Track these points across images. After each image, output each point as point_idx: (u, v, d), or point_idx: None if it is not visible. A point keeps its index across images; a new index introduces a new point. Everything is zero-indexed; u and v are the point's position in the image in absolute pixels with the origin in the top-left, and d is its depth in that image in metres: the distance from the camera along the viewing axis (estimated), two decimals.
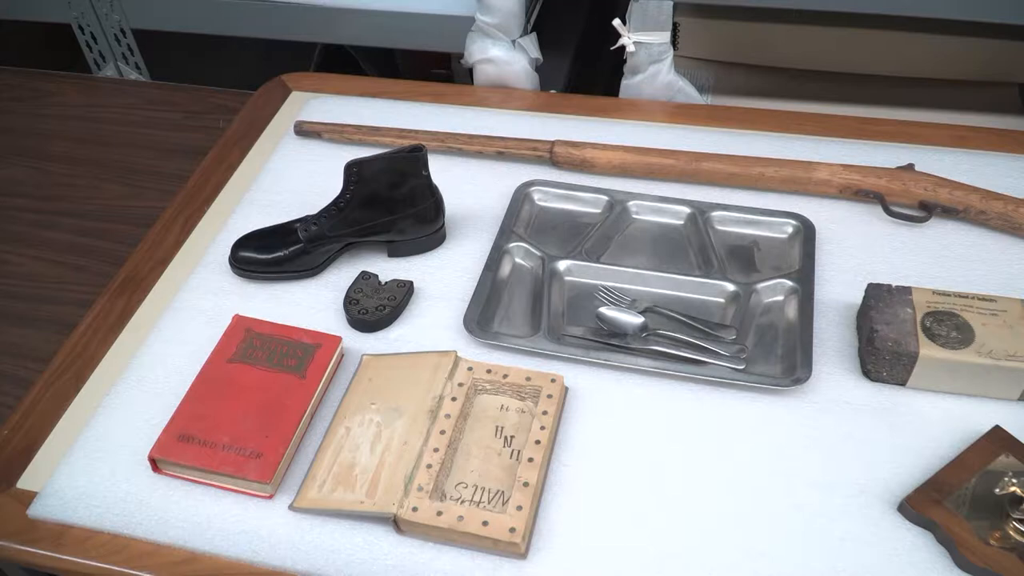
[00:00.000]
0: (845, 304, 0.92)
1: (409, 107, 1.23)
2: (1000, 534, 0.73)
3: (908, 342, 0.81)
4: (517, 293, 0.96)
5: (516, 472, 0.78)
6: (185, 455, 0.80)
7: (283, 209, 1.06)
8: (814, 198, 1.04)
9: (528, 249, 0.98)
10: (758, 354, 0.88)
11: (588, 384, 0.86)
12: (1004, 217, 0.97)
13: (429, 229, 0.99)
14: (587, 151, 1.08)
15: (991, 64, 1.30)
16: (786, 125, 1.17)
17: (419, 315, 0.94)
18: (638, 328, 0.89)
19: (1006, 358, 0.80)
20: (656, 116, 1.21)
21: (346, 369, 0.90)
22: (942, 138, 1.13)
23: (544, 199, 1.06)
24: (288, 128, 1.19)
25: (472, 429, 0.82)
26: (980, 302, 0.84)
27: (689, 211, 1.02)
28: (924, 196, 1.00)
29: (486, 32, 1.22)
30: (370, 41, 1.37)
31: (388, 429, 0.82)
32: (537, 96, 1.26)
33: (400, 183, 0.95)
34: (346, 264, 1.00)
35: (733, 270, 0.96)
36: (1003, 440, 0.78)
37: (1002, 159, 1.08)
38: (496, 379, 0.85)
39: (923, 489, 0.75)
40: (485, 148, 1.11)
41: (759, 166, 1.04)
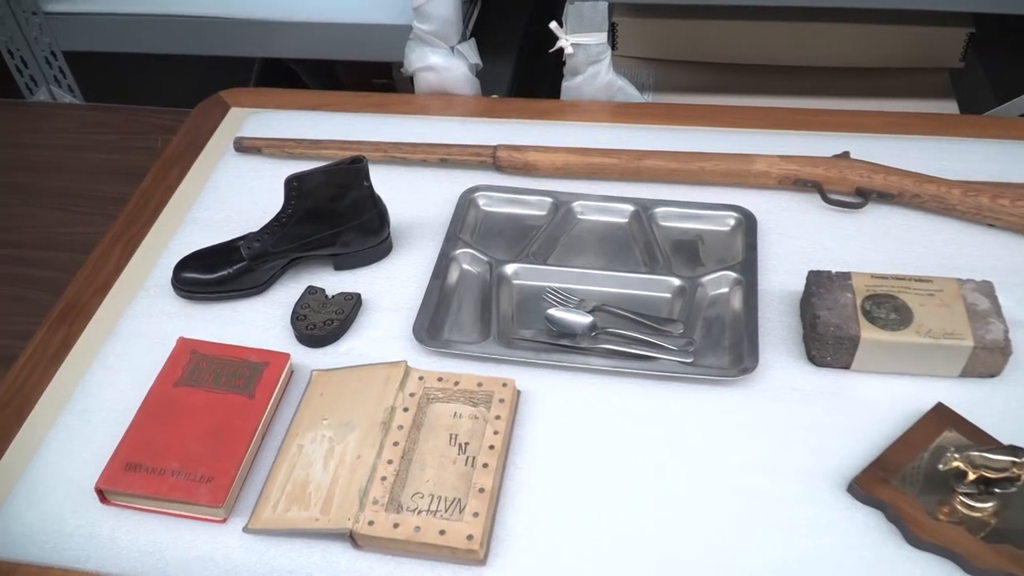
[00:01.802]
0: (788, 292, 0.93)
1: (351, 118, 1.22)
2: (948, 509, 0.74)
3: (849, 326, 0.83)
4: (466, 299, 0.96)
5: (472, 479, 0.77)
6: (133, 484, 0.78)
7: (226, 228, 1.04)
8: (754, 190, 1.05)
9: (475, 255, 0.98)
10: (706, 346, 0.89)
11: (540, 386, 0.87)
12: (938, 199, 0.99)
13: (374, 240, 0.98)
14: (530, 154, 1.08)
15: (921, 51, 1.33)
16: (725, 119, 1.19)
17: (368, 327, 0.93)
18: (587, 328, 0.89)
19: (944, 336, 0.82)
20: (598, 116, 1.22)
21: (297, 385, 0.89)
22: (876, 125, 1.15)
23: (489, 204, 1.06)
24: (228, 145, 1.17)
25: (426, 439, 0.82)
26: (917, 283, 0.86)
27: (633, 209, 1.03)
28: (860, 183, 1.02)
29: (424, 40, 1.21)
30: (309, 54, 1.36)
31: (341, 444, 0.81)
32: (479, 102, 1.27)
33: (342, 195, 0.94)
34: (292, 280, 0.99)
35: (678, 265, 0.97)
36: (946, 416, 0.80)
37: (934, 143, 1.11)
38: (448, 387, 0.85)
39: (870, 469, 0.76)
40: (428, 156, 1.11)
41: (699, 161, 1.05)
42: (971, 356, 0.82)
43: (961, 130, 1.15)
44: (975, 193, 0.98)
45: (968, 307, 0.84)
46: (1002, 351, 0.82)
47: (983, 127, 1.16)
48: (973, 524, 0.73)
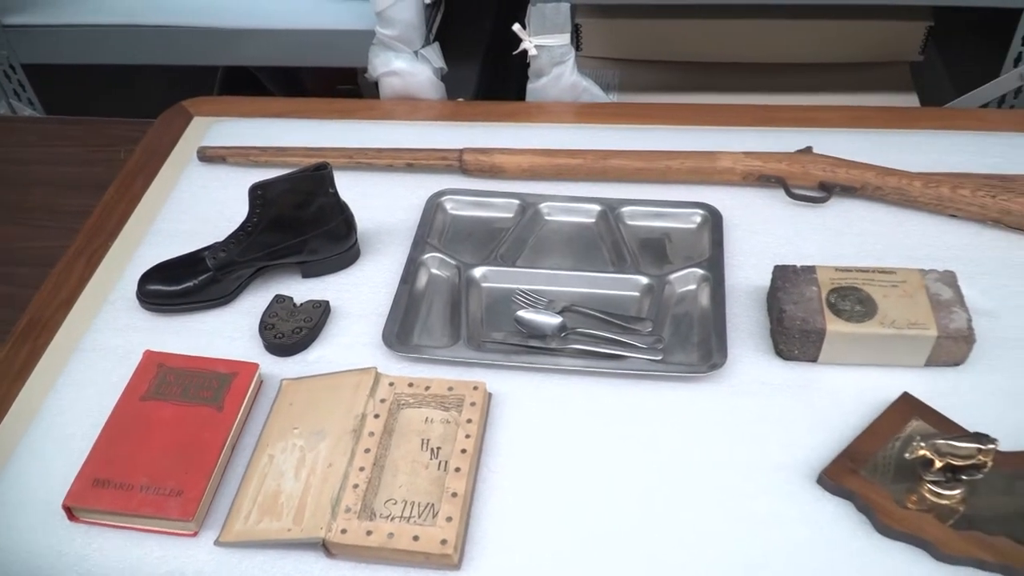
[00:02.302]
0: (755, 287, 0.94)
1: (317, 125, 1.22)
2: (916, 497, 0.75)
3: (815, 320, 0.84)
4: (435, 304, 0.95)
5: (444, 483, 0.77)
6: (101, 500, 0.77)
7: (191, 238, 1.03)
8: (719, 187, 1.06)
9: (443, 259, 0.98)
10: (675, 343, 0.89)
11: (511, 388, 0.87)
12: (900, 191, 1.00)
13: (342, 247, 0.98)
14: (496, 157, 1.08)
15: (881, 45, 1.35)
16: (690, 118, 1.19)
17: (338, 334, 0.93)
18: (557, 328, 0.90)
19: (908, 327, 0.83)
20: (563, 117, 1.23)
21: (266, 395, 0.88)
22: (838, 120, 1.17)
23: (456, 208, 1.06)
24: (191, 155, 1.16)
25: (398, 445, 0.82)
26: (881, 275, 0.87)
27: (600, 209, 1.03)
28: (823, 177, 1.03)
29: (388, 45, 1.21)
30: (272, 61, 1.35)
31: (312, 453, 0.81)
32: (444, 106, 1.26)
33: (307, 203, 0.94)
34: (260, 289, 0.98)
35: (646, 263, 0.97)
36: (912, 406, 0.81)
37: (895, 136, 1.12)
38: (418, 392, 0.84)
39: (839, 460, 0.77)
40: (394, 161, 1.10)
41: (665, 159, 1.06)
42: (935, 346, 0.83)
43: (921, 122, 1.16)
44: (936, 184, 1.00)
45: (931, 297, 0.85)
46: (965, 340, 0.83)
47: (943, 119, 1.17)
48: (941, 511, 0.74)
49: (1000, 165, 1.05)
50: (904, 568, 0.72)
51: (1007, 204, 0.98)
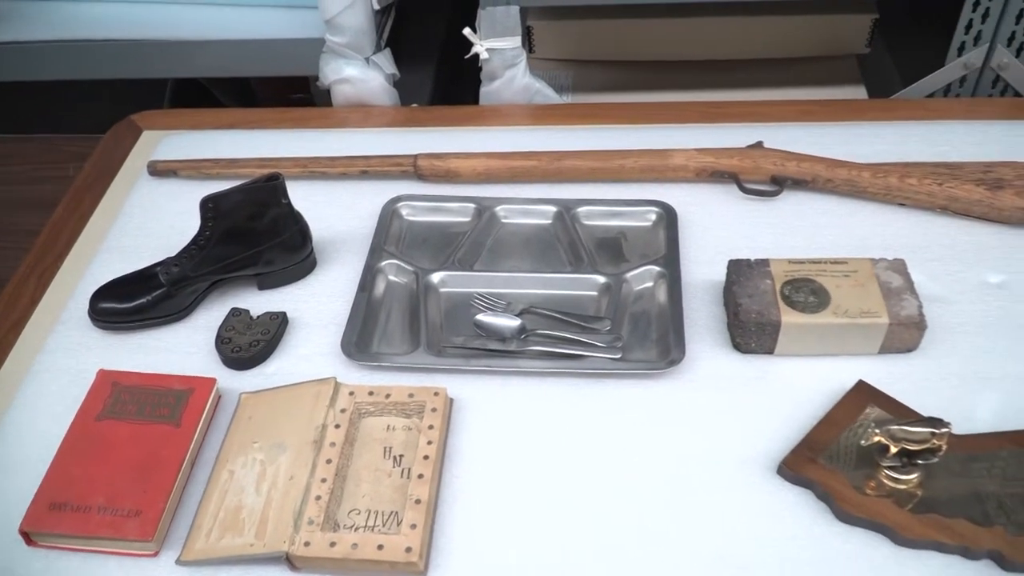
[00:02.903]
0: (711, 282, 0.95)
1: (270, 135, 1.21)
2: (875, 483, 0.76)
3: (770, 312, 0.85)
4: (394, 311, 0.95)
5: (408, 491, 0.77)
6: (59, 524, 0.76)
7: (144, 254, 1.01)
8: (673, 184, 1.07)
9: (400, 265, 0.98)
10: (634, 341, 0.89)
11: (472, 393, 0.86)
12: (850, 182, 1.02)
13: (297, 257, 0.97)
14: (450, 161, 1.08)
15: (828, 39, 1.37)
16: (642, 116, 1.20)
17: (296, 346, 0.92)
18: (516, 331, 0.90)
19: (861, 315, 0.84)
20: (518, 120, 1.23)
21: (225, 410, 0.87)
22: (788, 114, 1.18)
23: (412, 213, 1.05)
24: (142, 169, 1.15)
25: (360, 454, 0.81)
26: (832, 265, 0.88)
27: (555, 210, 1.03)
28: (775, 171, 1.04)
29: (338, 52, 1.20)
30: (222, 72, 1.34)
31: (272, 466, 0.80)
32: (398, 111, 1.26)
33: (260, 214, 0.93)
34: (216, 302, 0.97)
35: (603, 262, 0.98)
36: (867, 393, 0.82)
37: (844, 128, 1.14)
38: (379, 400, 0.84)
39: (798, 450, 0.78)
40: (348, 169, 1.10)
41: (618, 158, 1.07)
42: (888, 333, 0.84)
43: (869, 114, 1.18)
44: (884, 174, 1.01)
45: (882, 285, 0.86)
46: (917, 326, 0.84)
47: (890, 110, 1.19)
48: (900, 496, 0.75)
49: (946, 153, 1.07)
50: (865, 553, 0.73)
51: (954, 191, 0.99)
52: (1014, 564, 0.71)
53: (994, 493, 0.75)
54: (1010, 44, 1.22)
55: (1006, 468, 0.77)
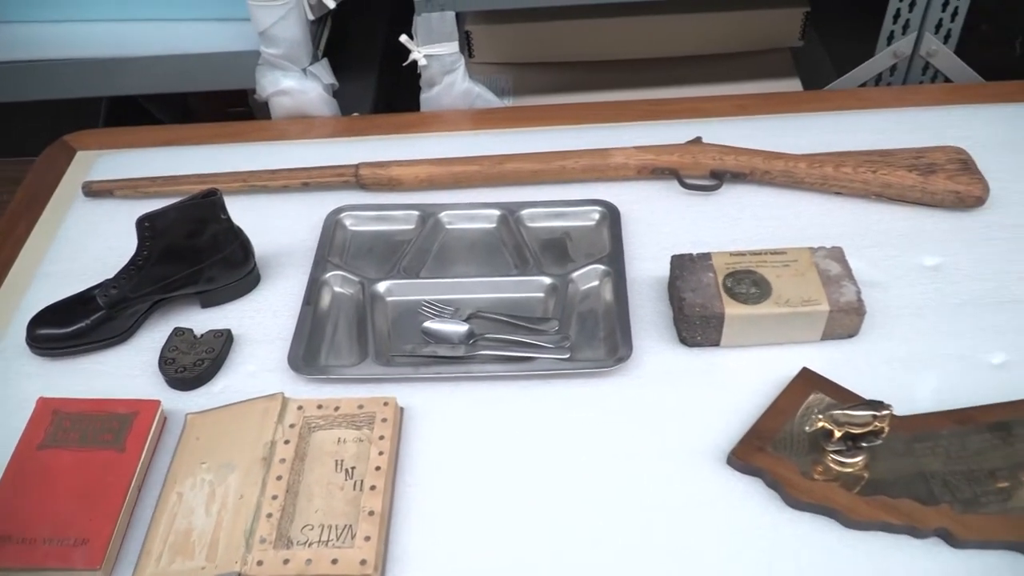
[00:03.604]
0: (656, 278, 0.95)
1: (208, 151, 1.19)
2: (822, 468, 0.77)
3: (713, 305, 0.86)
4: (340, 322, 0.94)
5: (360, 503, 0.76)
6: (4, 558, 0.74)
7: (83, 278, 0.99)
8: (615, 182, 1.08)
9: (346, 276, 0.97)
10: (582, 340, 0.90)
11: (423, 400, 0.86)
12: (786, 173, 1.04)
13: (240, 273, 0.96)
14: (392, 169, 1.08)
15: (762, 33, 1.39)
16: (583, 117, 1.21)
17: (242, 363, 0.91)
18: (464, 336, 0.90)
19: (802, 304, 0.85)
20: (460, 125, 1.23)
21: (172, 432, 0.85)
22: (725, 109, 1.20)
23: (356, 223, 1.05)
24: (77, 191, 1.12)
25: (311, 468, 0.80)
26: (772, 256, 0.89)
27: (500, 213, 1.03)
28: (713, 165, 1.05)
29: (274, 64, 1.19)
30: (157, 88, 1.31)
31: (222, 486, 0.79)
32: (339, 121, 1.25)
33: (199, 231, 0.92)
34: (158, 323, 0.95)
35: (548, 263, 0.98)
36: (811, 380, 0.84)
37: (780, 120, 1.16)
38: (328, 413, 0.83)
39: (746, 439, 0.79)
40: (289, 181, 1.09)
41: (560, 159, 1.07)
42: (829, 319, 0.86)
43: (804, 106, 1.20)
44: (820, 164, 1.03)
45: (821, 273, 0.88)
46: (856, 311, 0.86)
47: (824, 101, 1.22)
48: (847, 480, 0.77)
49: (879, 141, 1.09)
50: (815, 537, 0.74)
51: (887, 178, 1.02)
52: (961, 540, 0.73)
53: (938, 472, 0.77)
54: (937, 31, 1.25)
55: (949, 447, 0.79)
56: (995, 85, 1.24)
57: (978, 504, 0.74)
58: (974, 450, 0.78)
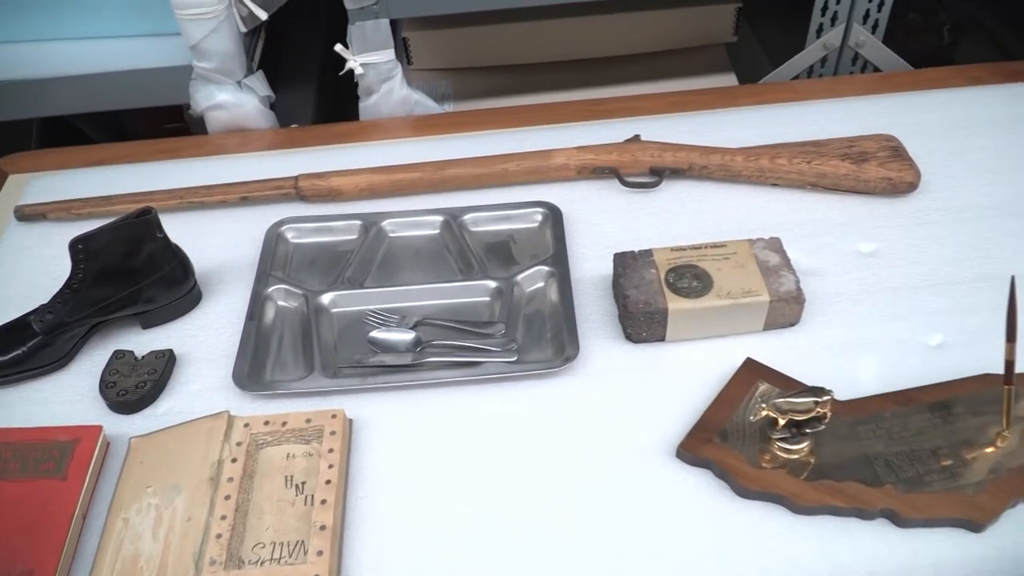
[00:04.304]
0: (600, 277, 0.96)
1: (144, 168, 1.17)
2: (769, 456, 0.78)
3: (657, 301, 0.86)
4: (285, 337, 0.93)
5: (312, 518, 0.76)
6: None
7: (17, 304, 0.96)
8: (557, 183, 1.08)
9: (289, 290, 0.96)
10: (530, 342, 0.90)
11: (372, 411, 0.86)
12: (724, 167, 1.05)
13: (180, 292, 0.94)
14: (332, 180, 1.07)
15: (696, 30, 1.41)
16: (523, 119, 1.21)
17: (186, 382, 0.89)
18: (411, 344, 0.89)
19: (742, 295, 0.86)
20: (400, 132, 1.22)
21: (116, 457, 0.84)
22: (663, 106, 1.21)
23: (298, 236, 1.04)
24: (9, 215, 1.10)
25: (260, 486, 0.79)
26: (712, 249, 0.91)
27: (442, 219, 1.03)
28: (652, 162, 1.06)
29: (208, 78, 1.18)
30: (89, 107, 1.29)
31: (168, 509, 0.77)
32: (277, 133, 1.24)
33: (136, 251, 0.90)
34: (97, 346, 0.93)
35: (493, 267, 0.98)
36: (755, 370, 0.85)
37: (716, 115, 1.17)
38: (276, 429, 0.82)
39: (694, 432, 0.80)
40: (228, 196, 1.07)
41: (500, 163, 1.07)
42: (770, 310, 0.87)
43: (740, 100, 1.22)
44: (756, 157, 1.05)
45: (760, 264, 0.89)
46: (796, 300, 0.87)
47: (758, 94, 1.24)
48: (794, 466, 0.78)
49: (813, 132, 1.11)
50: (764, 524, 0.75)
51: (821, 168, 1.04)
52: (906, 520, 0.74)
53: (881, 453, 0.78)
54: (865, 22, 1.28)
55: (891, 428, 0.80)
56: (923, 72, 1.27)
57: (921, 483, 0.76)
58: (915, 430, 0.80)
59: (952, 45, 1.53)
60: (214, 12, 1.10)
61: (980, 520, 0.74)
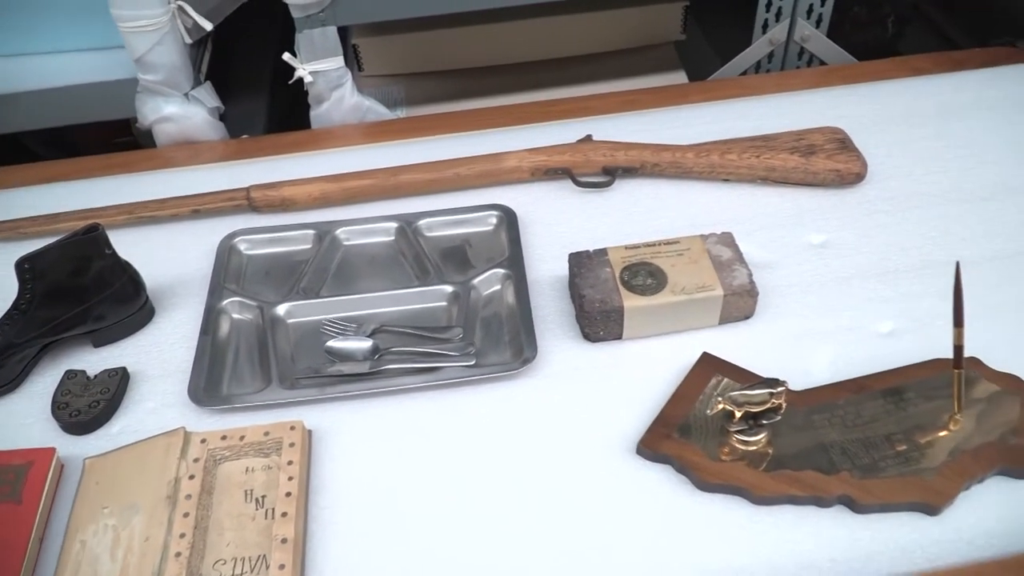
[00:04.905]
0: (556, 278, 0.96)
1: (94, 184, 1.15)
2: (727, 449, 0.79)
3: (612, 299, 0.87)
4: (241, 350, 0.92)
5: (273, 531, 0.75)
6: None
7: None
8: (511, 186, 1.08)
9: (243, 302, 0.95)
10: (488, 345, 0.90)
11: (331, 421, 0.85)
12: (675, 164, 1.06)
13: (131, 308, 0.93)
14: (284, 189, 1.06)
15: (645, 29, 1.42)
16: (476, 123, 1.21)
17: (140, 400, 0.88)
18: (369, 352, 0.89)
19: (697, 291, 0.87)
20: (352, 140, 1.22)
21: (71, 479, 0.82)
22: (615, 105, 1.22)
23: (251, 247, 1.03)
24: None
25: (219, 502, 0.78)
26: (666, 246, 0.91)
27: (397, 225, 1.03)
28: (605, 162, 1.07)
29: (154, 91, 1.16)
30: (34, 124, 1.26)
31: (126, 530, 0.76)
32: (227, 145, 1.23)
33: (84, 268, 0.88)
34: (48, 367, 0.92)
35: (449, 272, 0.98)
36: (711, 364, 0.85)
37: (666, 113, 1.18)
38: (234, 443, 0.81)
39: (653, 428, 0.80)
40: (179, 210, 1.06)
41: (453, 167, 1.07)
42: (724, 304, 0.88)
43: (690, 97, 1.23)
44: (706, 153, 1.06)
45: (714, 259, 0.90)
46: (749, 293, 0.88)
47: (708, 91, 1.25)
48: (753, 458, 0.79)
49: (762, 127, 1.13)
50: (725, 516, 0.76)
51: (771, 161, 1.05)
52: (863, 505, 0.75)
53: (837, 441, 0.79)
54: (809, 16, 1.30)
55: (845, 416, 0.81)
56: (867, 64, 1.29)
57: (877, 469, 0.77)
58: (869, 417, 0.81)
59: (896, 37, 1.56)
60: (157, 24, 1.09)
61: (936, 503, 0.75)
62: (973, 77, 1.21)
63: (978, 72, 1.22)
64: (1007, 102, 1.16)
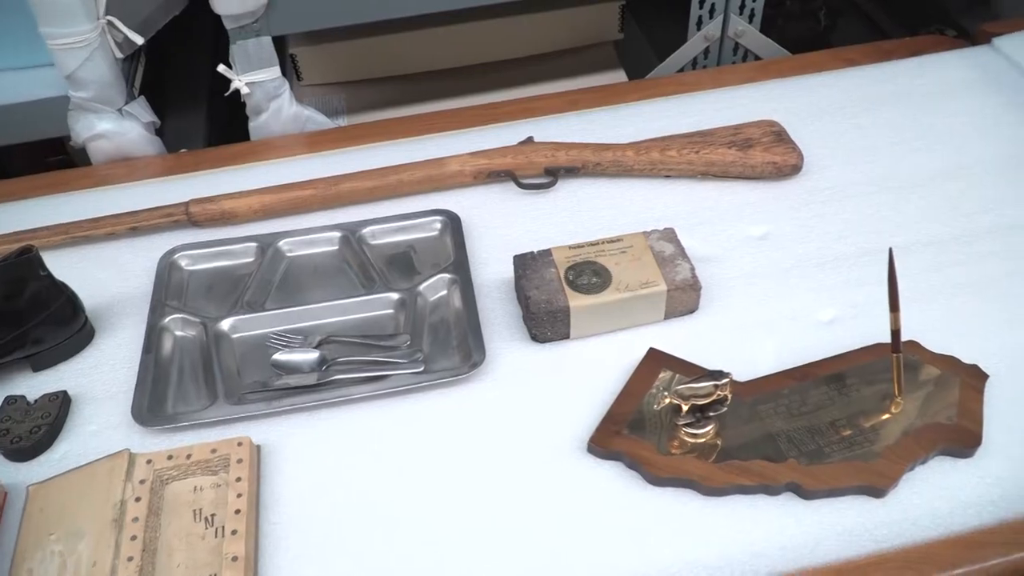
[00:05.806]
0: (502, 280, 0.97)
1: (26, 205, 1.12)
2: (677, 442, 0.80)
3: (558, 299, 0.87)
4: (186, 367, 0.91)
5: (223, 550, 0.74)
6: None
7: None
8: (454, 191, 1.08)
9: (186, 318, 0.94)
10: (437, 351, 0.90)
11: (280, 435, 0.84)
12: (616, 163, 1.07)
13: (70, 330, 0.91)
14: (224, 203, 1.05)
15: (583, 30, 1.43)
16: (418, 128, 1.21)
17: (83, 424, 0.86)
18: (316, 363, 0.88)
19: (641, 287, 0.88)
20: (294, 150, 1.21)
21: (15, 507, 0.80)
22: (556, 106, 1.22)
23: (192, 263, 1.01)
24: None
25: (168, 523, 0.77)
26: (609, 244, 0.92)
27: (340, 234, 1.02)
28: (546, 163, 1.07)
29: (86, 108, 1.14)
30: None
31: (73, 556, 0.74)
32: (164, 160, 1.21)
33: (18, 292, 0.86)
34: None
35: (396, 279, 0.97)
36: (658, 359, 0.86)
37: (607, 112, 1.19)
38: (180, 462, 0.80)
39: (602, 426, 0.81)
40: (116, 228, 1.04)
41: (395, 174, 1.07)
42: (668, 299, 0.89)
43: (629, 96, 1.24)
44: (646, 151, 1.07)
45: (656, 255, 0.91)
46: (692, 287, 0.90)
47: (646, 89, 1.26)
48: (702, 450, 0.79)
49: (700, 122, 1.14)
50: (677, 508, 0.76)
51: (710, 156, 1.06)
52: (810, 491, 0.77)
53: (783, 429, 0.81)
54: (742, 12, 1.32)
55: (790, 404, 0.83)
56: (800, 57, 1.31)
57: (823, 455, 0.79)
58: (814, 404, 0.82)
59: (829, 28, 1.59)
60: (86, 40, 1.07)
61: (881, 486, 0.76)
62: (902, 66, 1.24)
63: (906, 61, 1.25)
64: (934, 89, 1.20)
